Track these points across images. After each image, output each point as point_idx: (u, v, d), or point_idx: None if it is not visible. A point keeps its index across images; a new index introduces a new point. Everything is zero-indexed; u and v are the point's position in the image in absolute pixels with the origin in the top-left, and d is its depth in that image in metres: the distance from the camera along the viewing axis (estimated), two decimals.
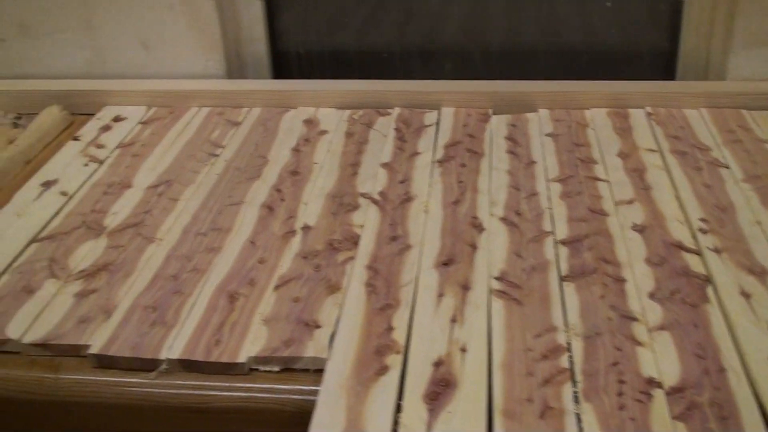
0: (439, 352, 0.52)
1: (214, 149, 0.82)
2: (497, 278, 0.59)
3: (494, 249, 0.63)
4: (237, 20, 0.96)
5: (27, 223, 0.70)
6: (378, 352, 0.52)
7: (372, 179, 0.74)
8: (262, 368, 0.53)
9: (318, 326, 0.55)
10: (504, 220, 0.67)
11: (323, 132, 0.85)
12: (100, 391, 0.53)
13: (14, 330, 0.56)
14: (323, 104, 0.90)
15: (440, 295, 0.58)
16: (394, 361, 0.52)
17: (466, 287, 0.59)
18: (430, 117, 0.87)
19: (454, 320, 0.55)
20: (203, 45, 0.94)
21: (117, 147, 0.84)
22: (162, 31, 0.94)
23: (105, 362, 0.54)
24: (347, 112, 0.89)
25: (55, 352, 0.55)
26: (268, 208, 0.71)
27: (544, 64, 0.98)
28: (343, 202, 0.71)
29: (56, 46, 0.97)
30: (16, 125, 0.91)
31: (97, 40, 0.96)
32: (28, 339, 0.55)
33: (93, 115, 0.93)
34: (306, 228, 0.67)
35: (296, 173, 0.76)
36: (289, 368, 0.53)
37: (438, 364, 0.51)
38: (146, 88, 0.94)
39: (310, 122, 0.87)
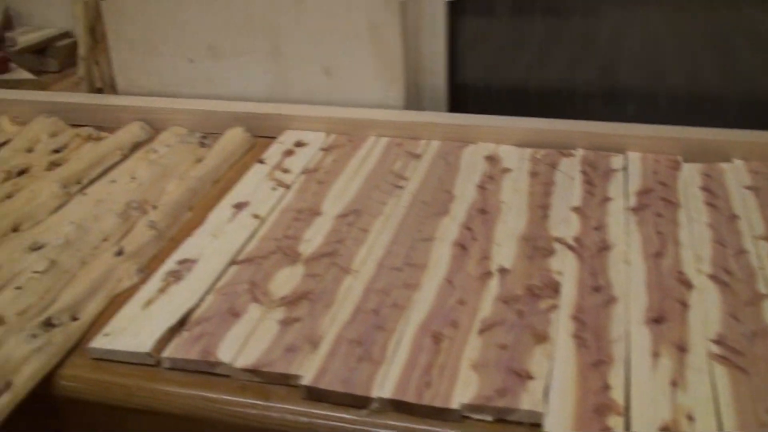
0: (664, 417, 0.50)
1: (397, 181, 0.82)
2: (715, 342, 0.56)
3: (707, 309, 0.60)
4: (419, 51, 0.96)
5: (223, 244, 0.72)
6: (597, 411, 0.50)
7: (564, 223, 0.73)
8: (474, 416, 0.52)
9: (530, 377, 0.54)
10: (713, 278, 0.64)
11: (506, 170, 0.83)
12: (313, 424, 0.53)
13: (225, 353, 0.57)
14: (504, 141, 0.89)
15: (655, 355, 0.55)
16: (616, 423, 0.49)
17: (682, 348, 0.56)
18: (617, 161, 0.84)
19: (674, 384, 0.53)
20: (385, 75, 0.95)
21: (302, 172, 0.85)
22: (345, 59, 0.96)
23: (315, 395, 0.54)
24: (528, 150, 0.87)
25: (265, 379, 0.56)
26: (461, 246, 0.70)
27: (735, 112, 0.94)
28: (537, 245, 0.69)
29: (242, 69, 1.00)
30: (202, 144, 0.94)
31: (281, 64, 0.98)
32: (240, 364, 0.56)
33: (274, 138, 0.95)
34: (502, 270, 0.66)
35: (484, 212, 0.75)
36: (503, 419, 0.51)
37: (665, 430, 0.49)
38: (327, 114, 0.95)
39: (491, 159, 0.86)
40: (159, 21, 1.00)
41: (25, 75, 1.19)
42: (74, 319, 0.63)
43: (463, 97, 0.99)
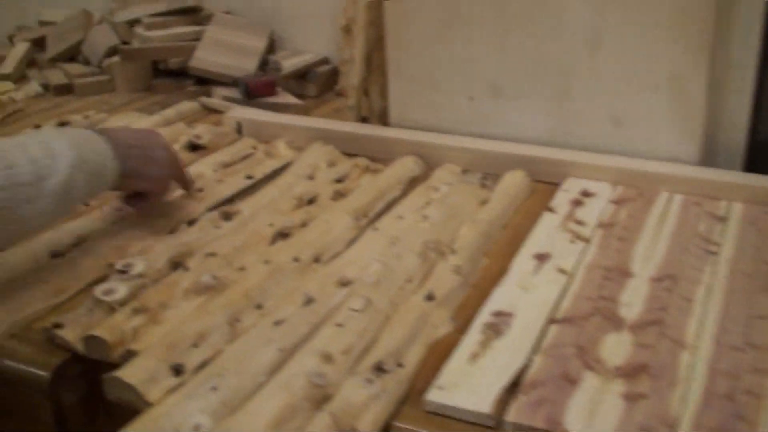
0: None
1: (707, 245, 0.77)
2: None
3: None
4: (721, 105, 0.90)
5: (535, 298, 0.69)
6: None
7: None
8: None
9: None
10: None
11: None
12: None
13: (572, 424, 0.54)
14: None
15: None
16: None
17: None
18: None
19: None
20: (681, 127, 0.90)
21: (597, 226, 0.81)
22: (638, 109, 0.91)
23: None
24: None
25: None
26: None
27: None
28: None
29: (523, 110, 0.97)
30: (483, 185, 0.92)
31: (566, 109, 0.95)
32: None
33: (553, 183, 0.92)
34: None
35: None
36: None
37: None
38: (614, 164, 0.91)
39: None
40: (443, 58, 0.99)
41: (291, 100, 1.23)
42: (399, 365, 0.61)
43: (764, 156, 0.92)
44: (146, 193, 0.81)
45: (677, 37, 0.86)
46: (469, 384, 0.58)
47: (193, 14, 1.38)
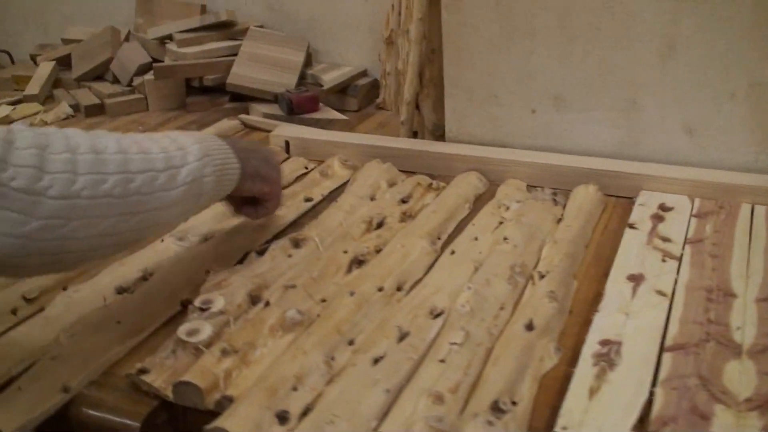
0: None
1: None
2: None
3: None
4: None
5: (641, 325, 0.66)
6: None
7: None
8: None
9: None
10: None
11: None
12: None
13: None
14: None
15: None
16: None
17: None
18: None
19: None
20: (761, 136, 0.86)
21: (686, 243, 0.78)
22: (713, 119, 0.88)
23: None
24: None
25: None
26: None
27: None
28: None
29: (589, 122, 0.94)
30: (555, 202, 0.89)
31: (635, 120, 0.92)
32: None
33: (626, 197, 0.89)
34: None
35: None
36: None
37: None
38: (690, 176, 0.88)
39: None
40: (503, 70, 0.96)
41: (335, 115, 1.19)
42: (513, 403, 0.58)
43: None
44: (263, 199, 0.79)
45: (756, 43, 0.83)
46: (594, 423, 0.55)
47: (225, 29, 1.34)
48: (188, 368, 0.62)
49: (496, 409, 0.56)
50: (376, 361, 0.62)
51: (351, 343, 0.65)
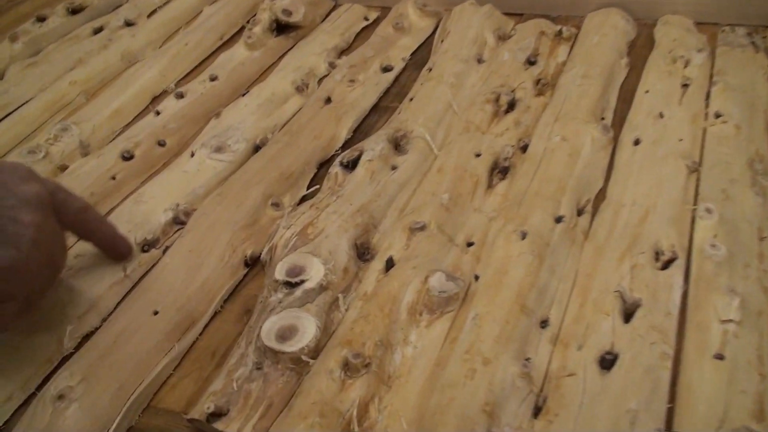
0: None
1: None
2: None
3: None
4: None
5: None
6: None
7: None
8: None
9: None
10: None
11: None
12: None
13: None
14: None
15: None
16: None
17: None
18: None
19: None
20: None
21: None
22: None
23: None
24: None
25: None
26: None
27: None
28: None
29: None
30: (755, 47, 0.60)
31: None
32: None
33: None
34: None
35: None
36: None
37: None
38: None
39: None
40: None
41: None
42: None
43: None
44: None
45: None
46: None
47: None
48: (289, 401, 0.36)
49: None
50: (606, 363, 0.36)
51: (544, 324, 0.40)
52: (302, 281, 0.42)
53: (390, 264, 0.44)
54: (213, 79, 0.64)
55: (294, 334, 0.39)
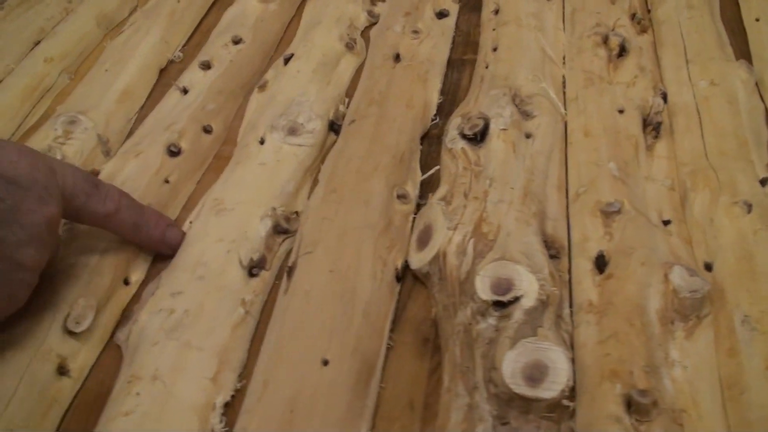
0: None
1: None
2: None
3: None
4: None
5: None
6: None
7: None
8: None
9: None
10: None
11: None
12: None
13: None
14: None
15: None
16: None
17: None
18: None
19: None
20: None
21: None
22: None
23: None
24: None
25: None
26: None
27: None
28: None
29: None
30: None
31: None
32: None
33: None
34: None
35: None
36: None
37: None
38: None
39: None
40: None
41: None
42: None
43: None
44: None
45: None
46: None
47: None
48: None
49: None
50: None
51: None
52: (516, 298, 0.32)
53: (601, 261, 0.35)
54: (237, 41, 0.52)
55: (545, 373, 0.30)
